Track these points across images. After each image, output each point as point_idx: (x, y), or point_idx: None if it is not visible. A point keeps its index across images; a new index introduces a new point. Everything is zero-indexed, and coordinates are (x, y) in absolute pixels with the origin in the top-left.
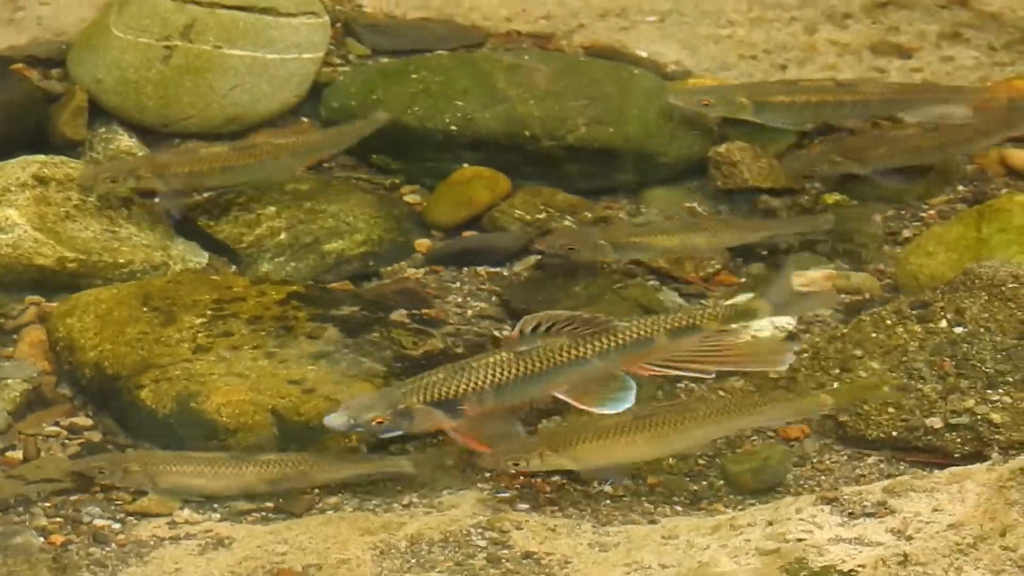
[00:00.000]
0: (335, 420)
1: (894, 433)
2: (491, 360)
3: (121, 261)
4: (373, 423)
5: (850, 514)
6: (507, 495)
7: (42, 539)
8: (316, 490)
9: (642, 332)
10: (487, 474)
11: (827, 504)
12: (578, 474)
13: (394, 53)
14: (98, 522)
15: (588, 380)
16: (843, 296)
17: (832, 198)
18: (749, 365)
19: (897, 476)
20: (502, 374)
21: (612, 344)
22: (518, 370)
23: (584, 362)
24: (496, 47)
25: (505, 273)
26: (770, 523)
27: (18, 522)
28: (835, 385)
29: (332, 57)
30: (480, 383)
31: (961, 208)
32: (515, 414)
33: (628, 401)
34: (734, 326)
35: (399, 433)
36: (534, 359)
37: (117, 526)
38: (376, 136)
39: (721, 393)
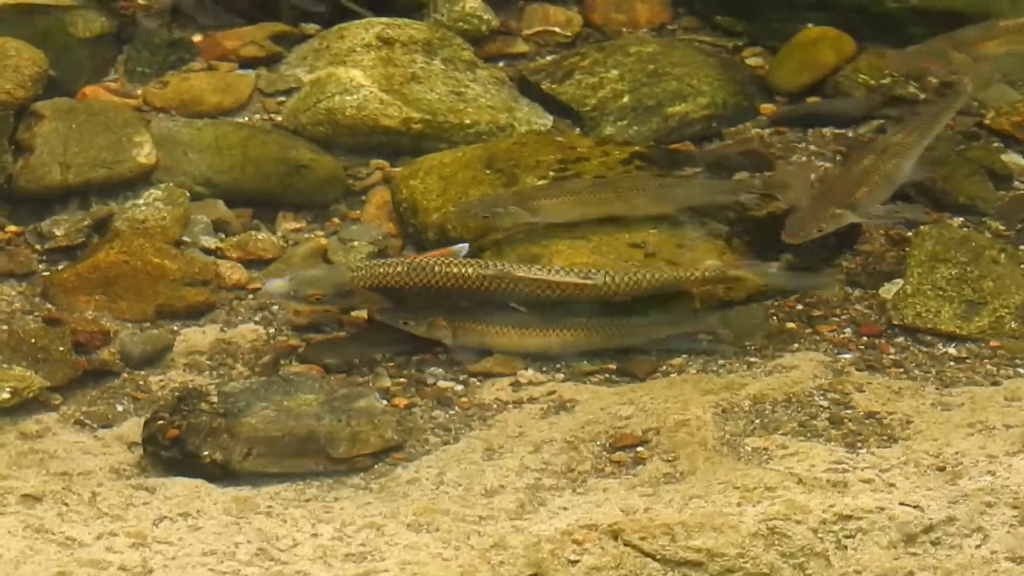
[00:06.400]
0: (275, 287)
1: None
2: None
3: (467, 123)
4: (311, 298)
5: None
6: (849, 356)
7: (385, 402)
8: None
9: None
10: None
11: None
12: (920, 336)
13: None
14: (442, 383)
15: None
16: None
17: None
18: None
19: None
20: (455, 285)
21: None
22: (478, 287)
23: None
24: None
25: (850, 135)
26: None
27: (362, 383)
28: None
29: None
30: (431, 283)
31: None
32: None
33: None
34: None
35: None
36: (497, 282)
37: (460, 388)
38: None
39: None
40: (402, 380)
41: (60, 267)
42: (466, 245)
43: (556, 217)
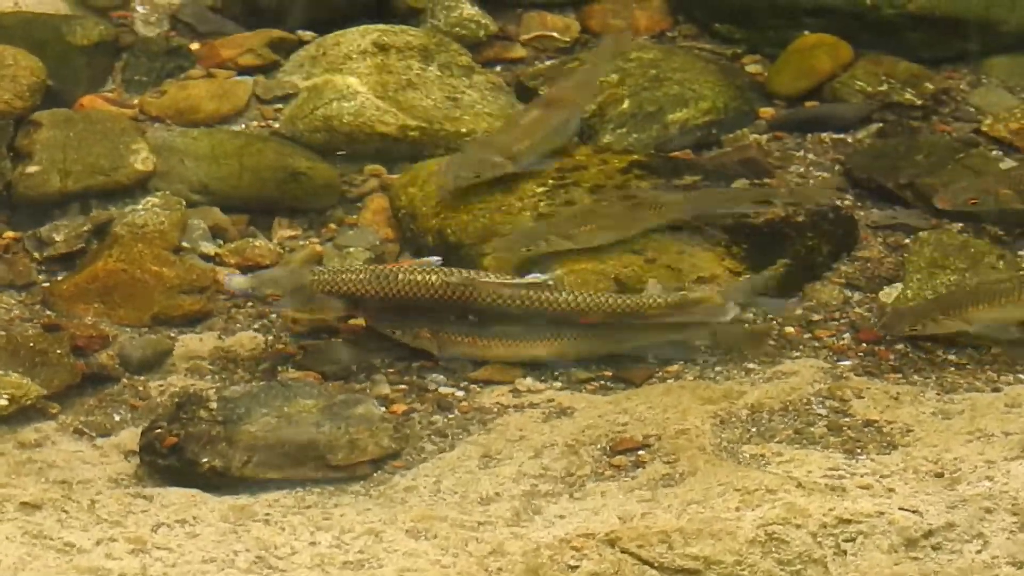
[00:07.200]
0: (236, 283)
1: None
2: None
3: (463, 130)
4: (269, 298)
5: None
6: (848, 363)
7: (383, 408)
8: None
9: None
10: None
11: None
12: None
13: None
14: (443, 390)
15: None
16: None
17: None
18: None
19: None
20: (418, 293)
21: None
22: (442, 296)
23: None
24: None
25: (849, 140)
26: None
27: (359, 389)
28: None
29: None
30: (394, 292)
31: None
32: None
33: None
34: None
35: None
36: (462, 291)
37: (461, 393)
38: (719, 4)
39: None
40: (402, 387)
41: (59, 277)
42: (439, 259)
43: (594, 242)
